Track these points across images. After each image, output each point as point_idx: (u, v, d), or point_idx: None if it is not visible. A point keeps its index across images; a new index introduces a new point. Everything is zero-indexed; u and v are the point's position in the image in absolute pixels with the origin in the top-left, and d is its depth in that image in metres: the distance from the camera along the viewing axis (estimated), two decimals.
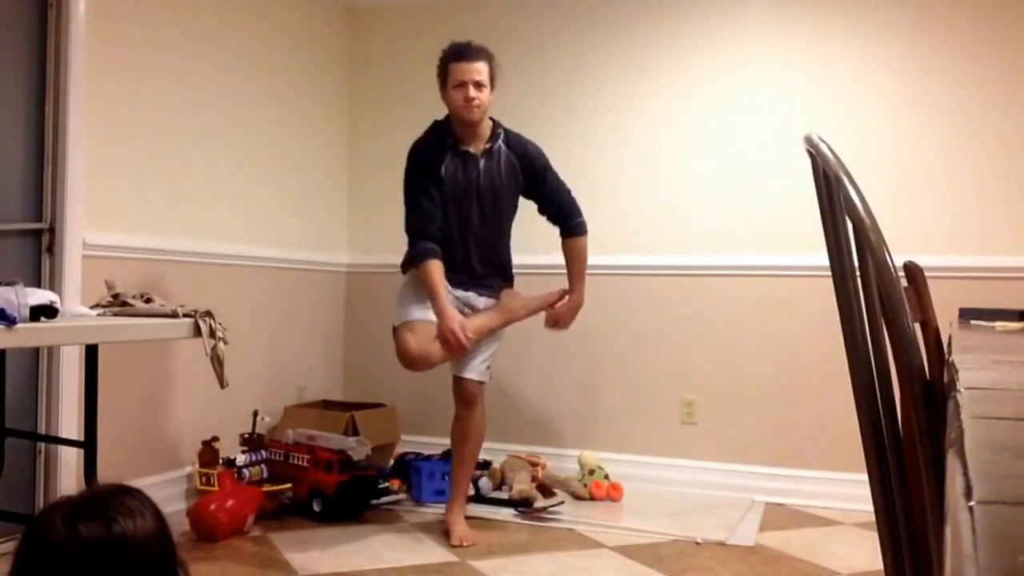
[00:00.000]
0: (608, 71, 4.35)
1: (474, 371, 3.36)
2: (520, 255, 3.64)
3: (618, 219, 4.30)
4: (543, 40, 4.48)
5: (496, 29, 4.56)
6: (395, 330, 3.31)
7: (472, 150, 3.31)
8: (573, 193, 3.51)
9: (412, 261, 3.27)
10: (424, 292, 3.23)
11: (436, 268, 3.21)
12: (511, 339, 4.22)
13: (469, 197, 3.31)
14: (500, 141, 3.35)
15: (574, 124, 4.40)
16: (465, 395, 3.37)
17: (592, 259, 4.31)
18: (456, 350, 3.18)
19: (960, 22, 3.82)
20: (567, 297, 3.53)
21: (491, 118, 3.37)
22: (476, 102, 3.21)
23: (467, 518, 3.44)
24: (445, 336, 3.16)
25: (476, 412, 3.38)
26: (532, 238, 3.75)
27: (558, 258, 4.11)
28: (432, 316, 3.21)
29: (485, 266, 3.39)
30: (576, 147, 4.39)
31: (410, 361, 3.22)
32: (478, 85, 3.21)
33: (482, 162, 3.32)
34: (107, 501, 1.22)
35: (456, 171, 3.29)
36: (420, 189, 3.28)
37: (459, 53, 3.25)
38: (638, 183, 4.29)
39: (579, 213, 3.51)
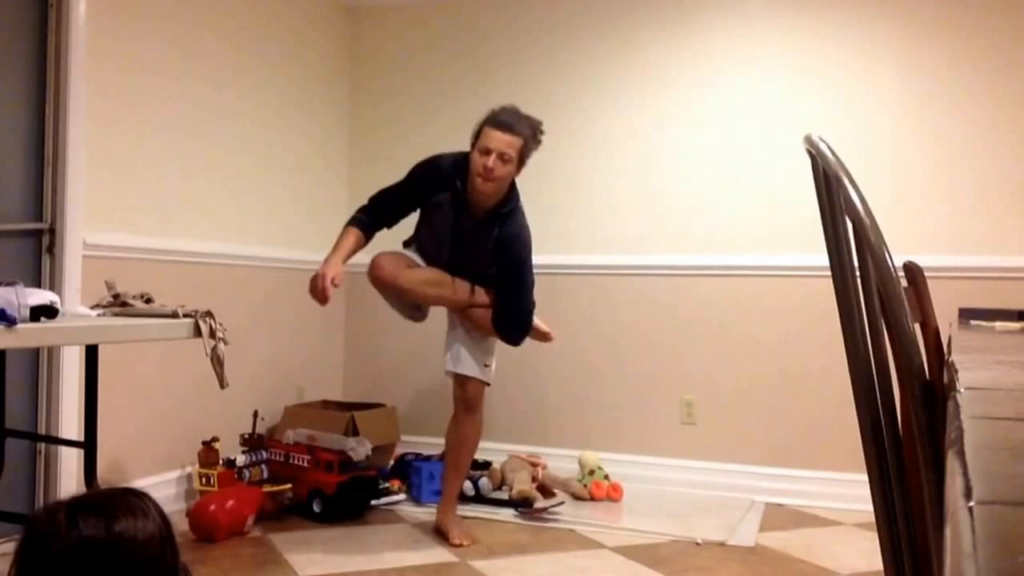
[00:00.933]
0: (608, 71, 4.35)
1: (470, 368, 3.30)
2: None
3: (618, 219, 4.31)
4: (542, 39, 4.48)
5: (495, 28, 4.56)
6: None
7: (473, 208, 3.20)
8: (531, 310, 3.36)
9: (348, 221, 3.34)
10: (416, 259, 3.30)
11: (352, 233, 3.27)
12: None
13: (451, 247, 3.27)
14: (499, 220, 3.20)
15: (574, 124, 4.39)
16: (467, 397, 3.33)
17: (591, 259, 4.33)
18: (317, 294, 3.19)
19: (960, 22, 3.82)
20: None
21: (514, 185, 3.25)
22: (493, 175, 3.09)
23: (466, 518, 3.45)
24: (313, 280, 3.19)
25: (476, 417, 3.36)
26: (537, 239, 3.75)
27: (565, 259, 4.15)
28: (418, 259, 3.30)
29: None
30: (575, 147, 4.39)
31: (378, 267, 3.25)
32: (502, 157, 3.08)
33: (472, 229, 3.21)
34: (111, 500, 1.23)
35: (445, 214, 3.23)
36: (404, 191, 3.30)
37: (498, 120, 3.13)
38: (637, 183, 4.29)
39: (519, 332, 3.32)
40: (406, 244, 3.44)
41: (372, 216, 3.32)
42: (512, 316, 3.30)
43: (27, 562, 1.19)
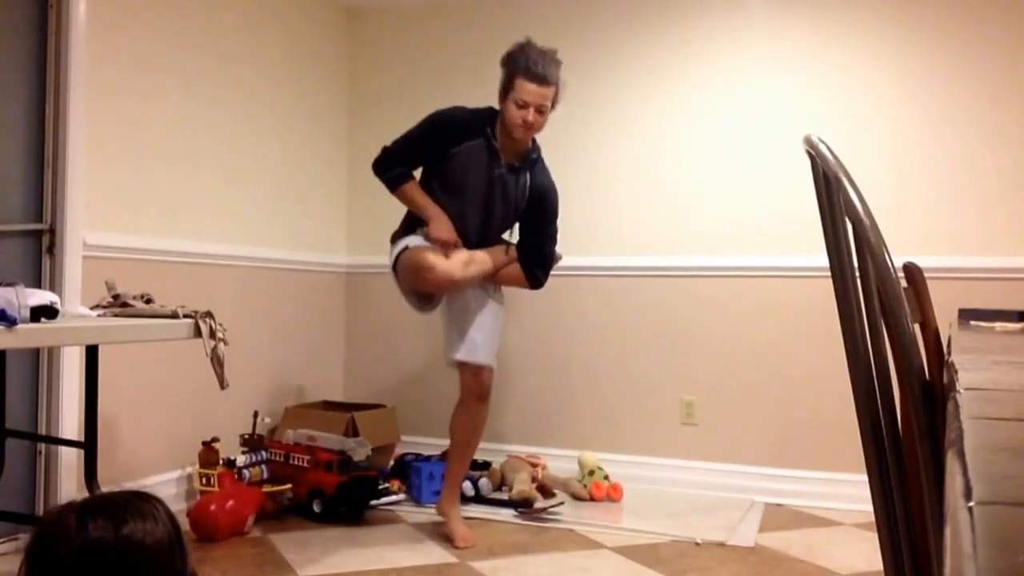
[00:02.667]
0: (607, 72, 4.35)
1: (486, 355, 3.27)
2: None
3: (617, 220, 4.31)
4: (541, 39, 4.46)
5: (494, 29, 4.56)
6: (397, 261, 3.25)
7: (503, 154, 3.22)
8: (558, 253, 3.46)
9: (390, 181, 3.27)
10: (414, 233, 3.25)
11: (414, 185, 3.24)
12: (511, 339, 4.23)
13: (476, 197, 3.24)
14: (529, 166, 3.27)
15: (573, 124, 4.39)
16: (484, 387, 3.28)
17: (592, 261, 4.33)
18: (446, 253, 3.12)
19: (960, 22, 3.83)
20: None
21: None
22: (533, 127, 3.14)
23: (467, 518, 3.45)
24: (439, 237, 3.14)
25: (487, 405, 3.34)
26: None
27: (566, 259, 4.11)
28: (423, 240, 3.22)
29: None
30: (575, 147, 4.39)
31: (430, 269, 3.09)
32: (540, 110, 3.11)
33: (506, 174, 3.23)
34: (121, 503, 1.23)
35: (475, 162, 3.20)
36: (426, 142, 3.23)
37: (532, 73, 3.08)
38: (637, 184, 4.29)
39: (544, 272, 3.40)
40: (406, 229, 3.34)
41: (405, 167, 3.27)
42: (541, 255, 3.37)
43: (36, 563, 1.20)
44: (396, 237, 3.38)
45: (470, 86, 4.57)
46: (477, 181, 3.22)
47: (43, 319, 2.24)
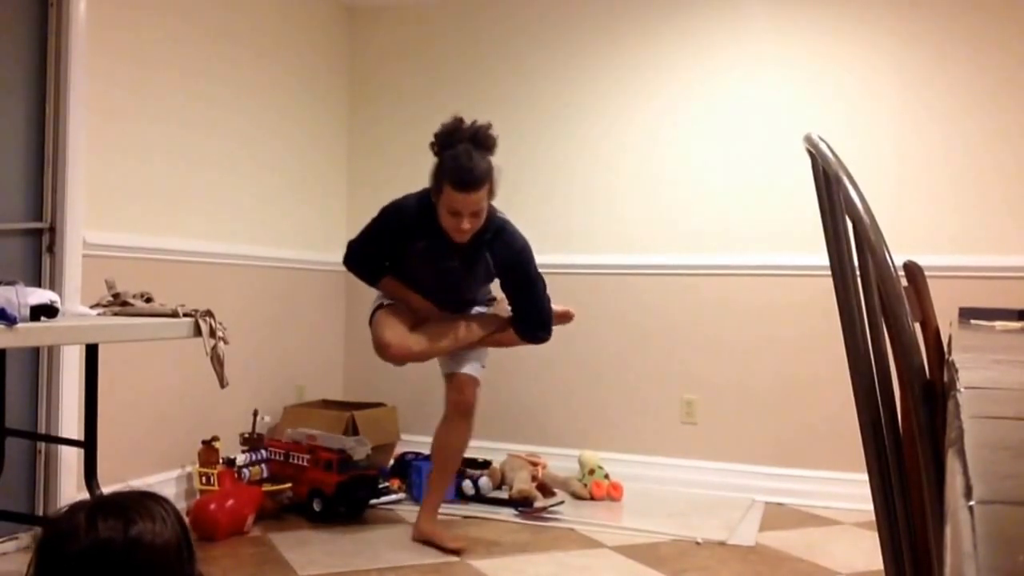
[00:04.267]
0: (607, 71, 4.35)
1: (473, 368, 3.24)
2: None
3: (618, 219, 4.31)
4: (541, 38, 4.47)
5: (494, 28, 4.56)
6: (373, 316, 3.24)
7: (454, 244, 3.06)
8: (550, 305, 3.26)
9: (369, 279, 3.25)
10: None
11: (390, 277, 3.19)
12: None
13: (438, 289, 3.17)
14: (486, 239, 3.07)
15: (573, 123, 4.39)
16: (468, 400, 3.21)
17: (591, 259, 4.33)
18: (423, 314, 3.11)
19: (961, 21, 3.82)
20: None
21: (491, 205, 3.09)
22: (470, 231, 2.97)
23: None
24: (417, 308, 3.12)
25: (471, 421, 3.25)
26: (537, 239, 3.74)
27: (565, 258, 4.14)
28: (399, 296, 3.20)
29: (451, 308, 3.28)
30: (575, 147, 4.39)
31: (386, 347, 3.09)
32: (475, 214, 2.95)
33: (460, 264, 3.10)
34: (131, 504, 1.24)
35: (428, 260, 3.09)
36: (382, 235, 3.14)
37: (459, 180, 2.88)
38: (637, 182, 4.29)
39: (545, 329, 3.24)
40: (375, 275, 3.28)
41: (376, 263, 3.21)
42: (535, 318, 3.23)
43: (45, 562, 1.20)
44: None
45: (470, 83, 4.58)
46: (434, 274, 3.13)
47: (43, 318, 2.24)
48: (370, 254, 3.21)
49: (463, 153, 2.92)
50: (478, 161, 2.92)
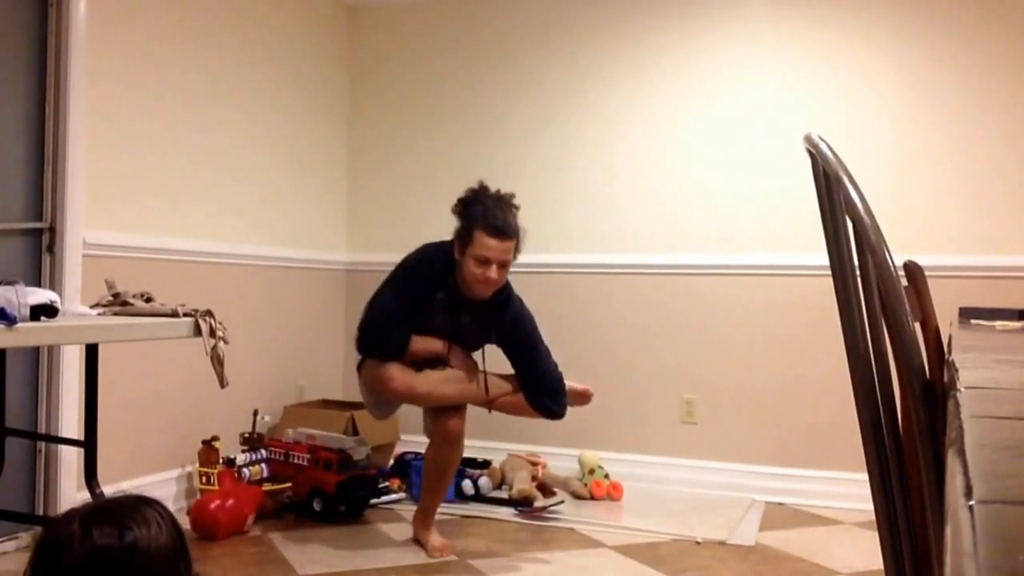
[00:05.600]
0: (609, 69, 4.35)
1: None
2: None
3: (618, 218, 4.31)
4: (544, 37, 4.47)
5: (495, 28, 4.56)
6: (362, 364, 3.09)
7: (468, 303, 3.05)
8: (561, 377, 3.19)
9: (396, 352, 3.02)
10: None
11: (414, 338, 3.03)
12: None
13: (450, 330, 3.07)
14: (499, 300, 3.06)
15: (576, 123, 4.39)
16: (448, 433, 3.09)
17: (591, 258, 4.33)
18: (445, 354, 3.01)
19: (962, 21, 3.82)
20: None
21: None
22: (496, 284, 2.95)
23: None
24: (428, 349, 3.00)
25: (457, 450, 3.16)
26: (538, 238, 3.74)
27: (565, 257, 4.14)
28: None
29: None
30: (575, 145, 4.39)
31: (390, 380, 2.99)
32: (503, 264, 2.93)
33: (471, 322, 3.07)
34: (125, 510, 1.23)
35: (441, 316, 3.04)
36: (409, 290, 3.01)
37: (493, 226, 2.88)
38: (638, 182, 4.29)
39: (553, 396, 3.13)
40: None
41: (404, 338, 3.01)
42: (544, 386, 3.13)
43: (41, 571, 1.20)
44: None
45: (472, 83, 4.58)
46: (450, 329, 3.06)
47: (43, 318, 2.24)
48: (402, 313, 2.99)
49: (495, 205, 2.94)
50: (510, 215, 2.96)
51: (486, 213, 2.92)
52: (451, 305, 3.03)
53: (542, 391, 3.13)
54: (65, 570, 1.18)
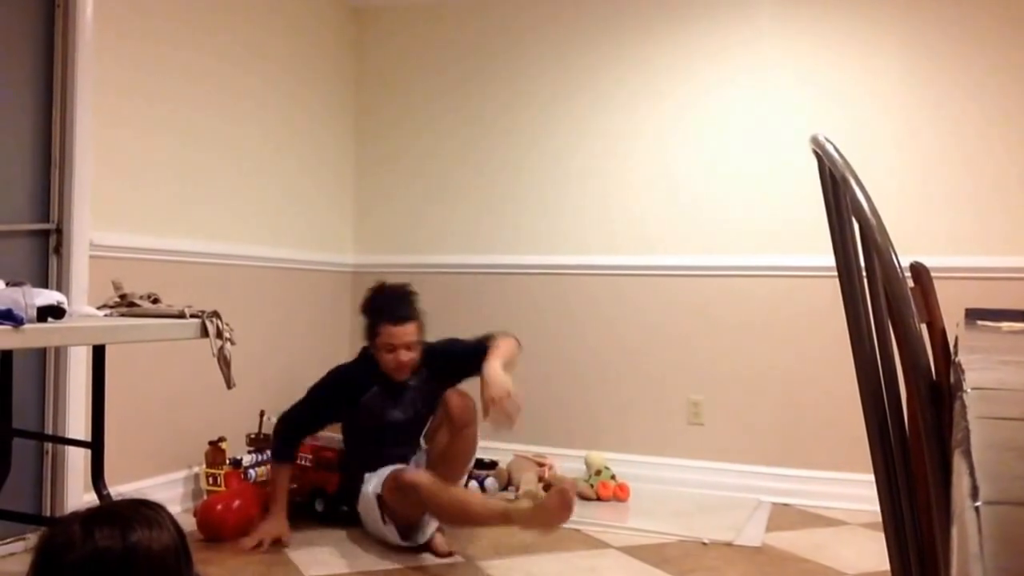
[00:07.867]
0: (615, 73, 4.35)
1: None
2: (508, 255, 3.62)
3: (625, 219, 4.30)
4: (549, 42, 4.47)
5: (502, 30, 4.56)
6: (380, 499, 3.11)
7: (398, 384, 3.30)
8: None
9: (274, 454, 3.32)
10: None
11: (284, 473, 3.28)
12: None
13: (392, 430, 3.29)
14: (423, 368, 3.32)
15: (581, 126, 4.39)
16: (464, 412, 3.20)
17: (600, 259, 4.33)
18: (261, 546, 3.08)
19: (964, 25, 3.81)
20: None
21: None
22: (409, 364, 3.23)
23: None
24: (258, 545, 3.06)
25: (476, 429, 3.25)
26: (546, 240, 3.75)
27: (573, 259, 4.13)
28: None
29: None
30: (584, 148, 4.39)
31: (399, 471, 3.10)
32: (409, 347, 3.21)
33: (407, 393, 3.31)
34: (127, 512, 1.24)
35: (379, 401, 3.29)
36: (322, 407, 3.33)
37: (391, 316, 3.22)
38: (646, 183, 4.28)
39: (484, 339, 3.31)
40: (361, 465, 3.30)
41: (294, 442, 3.36)
42: (478, 349, 3.25)
43: (42, 571, 1.20)
44: (355, 478, 3.29)
45: (477, 85, 4.58)
46: (392, 416, 3.29)
47: (50, 319, 2.24)
48: (305, 422, 3.35)
49: (392, 298, 3.30)
50: (406, 303, 3.28)
51: (383, 309, 3.26)
52: (385, 396, 3.28)
53: (481, 352, 3.22)
54: (66, 571, 1.18)
